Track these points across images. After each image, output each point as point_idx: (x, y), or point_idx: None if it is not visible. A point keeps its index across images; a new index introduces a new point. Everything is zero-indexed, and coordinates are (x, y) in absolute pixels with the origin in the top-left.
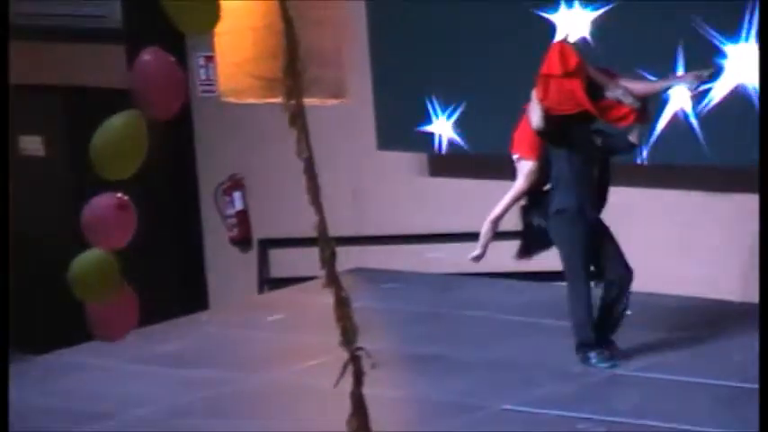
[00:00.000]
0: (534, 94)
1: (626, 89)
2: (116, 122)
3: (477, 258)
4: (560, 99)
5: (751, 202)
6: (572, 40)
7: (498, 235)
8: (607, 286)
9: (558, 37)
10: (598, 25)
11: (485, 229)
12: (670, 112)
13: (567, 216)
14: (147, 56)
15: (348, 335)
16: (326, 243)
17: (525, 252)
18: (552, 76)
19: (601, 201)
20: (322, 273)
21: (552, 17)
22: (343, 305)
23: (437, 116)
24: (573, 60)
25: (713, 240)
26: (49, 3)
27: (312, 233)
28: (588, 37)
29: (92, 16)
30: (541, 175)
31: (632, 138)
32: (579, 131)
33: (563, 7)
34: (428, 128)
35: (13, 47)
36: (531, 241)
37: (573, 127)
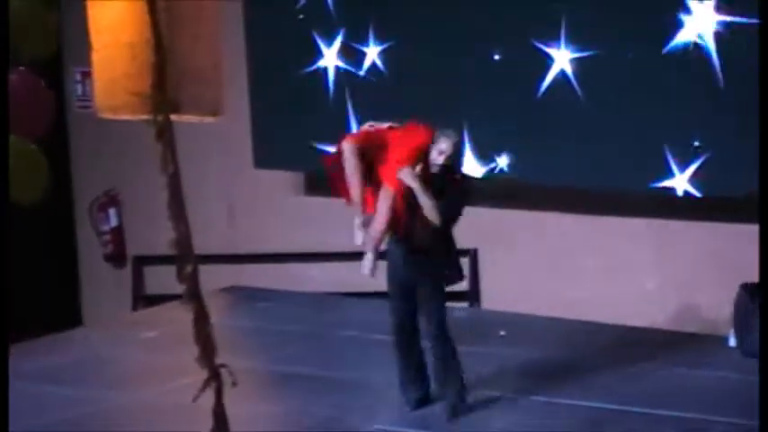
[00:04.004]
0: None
1: None
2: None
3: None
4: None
5: (625, 224)
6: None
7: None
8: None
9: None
10: None
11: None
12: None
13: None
14: (12, 76)
15: (207, 352)
16: (186, 259)
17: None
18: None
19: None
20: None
21: None
22: (202, 323)
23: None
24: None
25: (589, 262)
26: None
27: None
28: None
29: None
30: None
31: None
32: None
33: None
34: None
35: None
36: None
37: None
